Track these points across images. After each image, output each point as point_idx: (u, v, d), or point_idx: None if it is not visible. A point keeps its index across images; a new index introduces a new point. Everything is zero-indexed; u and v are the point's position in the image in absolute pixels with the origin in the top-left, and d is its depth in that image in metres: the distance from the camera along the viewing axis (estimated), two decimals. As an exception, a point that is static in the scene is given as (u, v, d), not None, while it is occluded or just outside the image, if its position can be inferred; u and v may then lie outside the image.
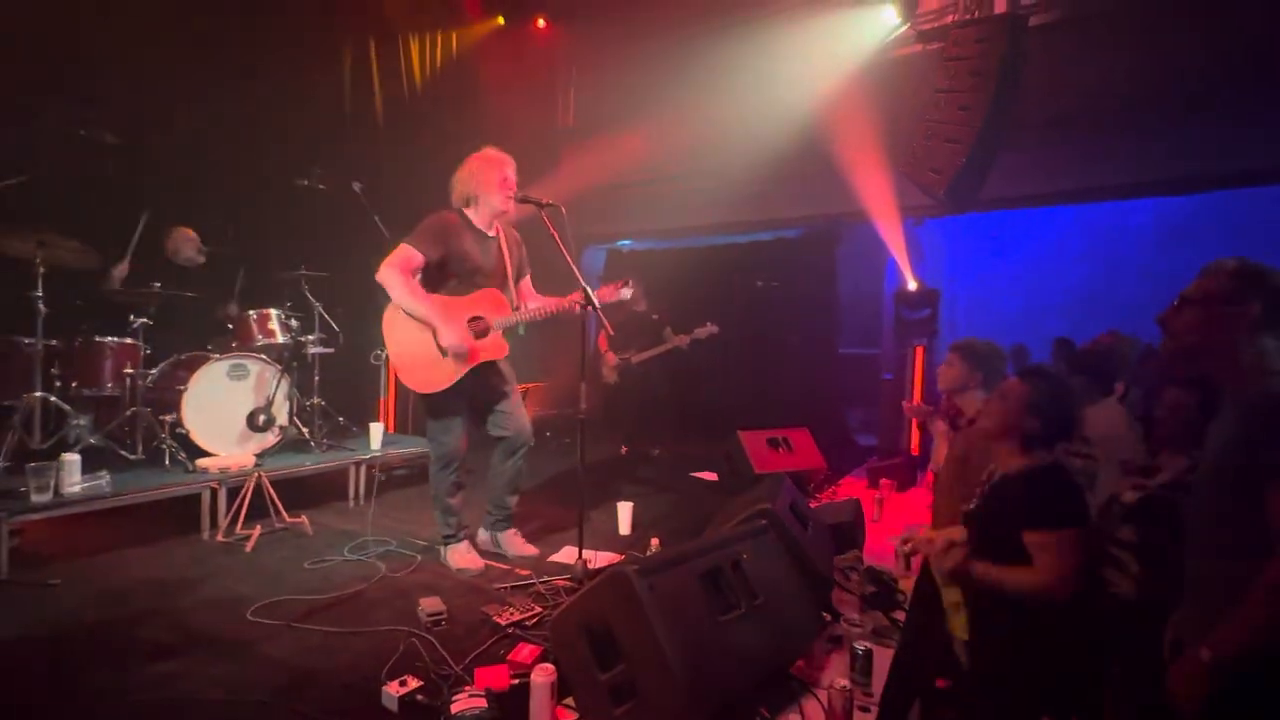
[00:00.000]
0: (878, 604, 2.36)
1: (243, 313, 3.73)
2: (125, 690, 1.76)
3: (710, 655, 1.57)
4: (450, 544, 2.76)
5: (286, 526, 3.09)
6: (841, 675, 1.80)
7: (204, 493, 3.02)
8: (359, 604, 2.36)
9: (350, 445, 3.89)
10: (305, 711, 1.69)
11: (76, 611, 2.23)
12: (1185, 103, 4.12)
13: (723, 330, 5.09)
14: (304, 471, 3.49)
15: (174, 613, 2.24)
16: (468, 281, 2.68)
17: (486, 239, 2.76)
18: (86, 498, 2.72)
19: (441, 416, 2.72)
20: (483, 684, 1.73)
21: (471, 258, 2.67)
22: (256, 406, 3.47)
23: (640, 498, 3.49)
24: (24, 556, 2.61)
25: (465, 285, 2.68)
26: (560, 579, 2.56)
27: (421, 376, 2.62)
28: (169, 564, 2.68)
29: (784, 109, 5.23)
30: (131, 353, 3.37)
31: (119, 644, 2.01)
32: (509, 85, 6.17)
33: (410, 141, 5.24)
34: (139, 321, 3.37)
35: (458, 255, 2.64)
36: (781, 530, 2.13)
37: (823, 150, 5.12)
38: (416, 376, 2.62)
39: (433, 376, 2.61)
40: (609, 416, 5.42)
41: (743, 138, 5.47)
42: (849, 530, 2.90)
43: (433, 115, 5.49)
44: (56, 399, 3.19)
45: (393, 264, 2.57)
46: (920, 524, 3.10)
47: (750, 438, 4.08)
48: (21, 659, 1.93)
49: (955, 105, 3.82)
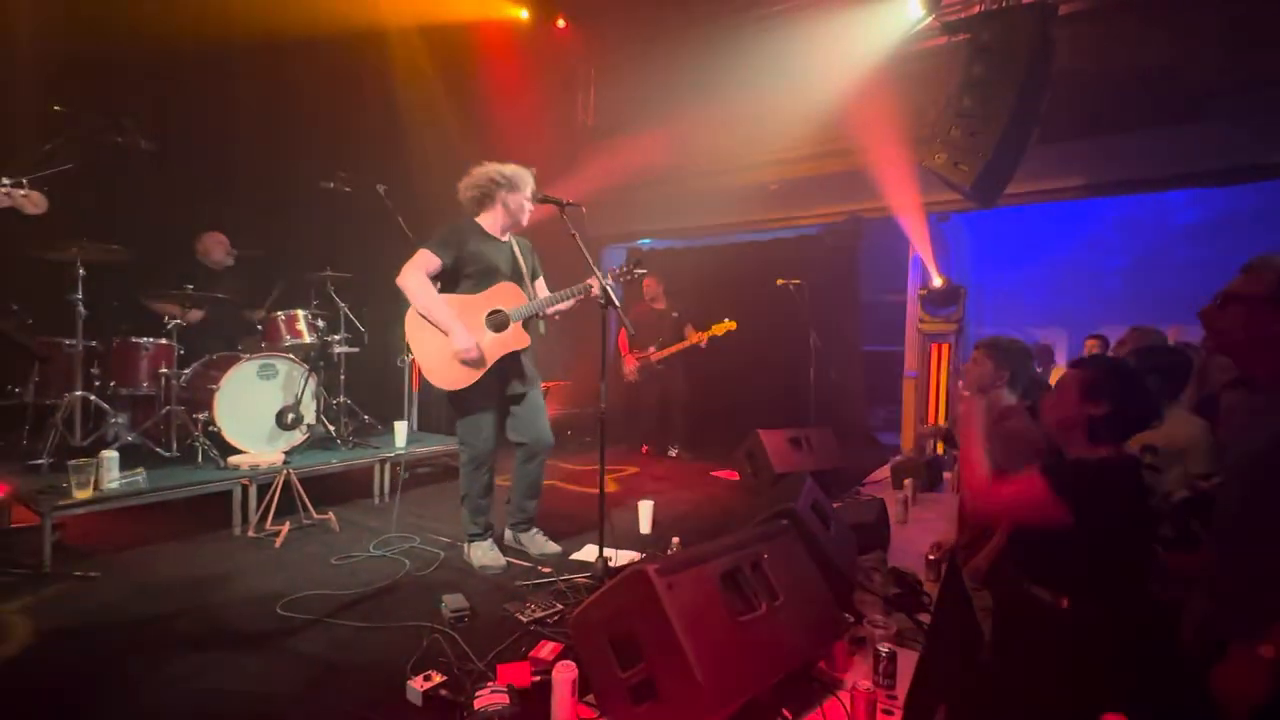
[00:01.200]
0: (902, 606, 2.33)
1: (271, 314, 3.82)
2: (162, 681, 1.82)
3: (730, 655, 1.57)
4: (475, 541, 2.80)
5: (314, 523, 3.16)
6: (864, 677, 1.78)
7: (235, 489, 3.10)
8: (384, 599, 2.40)
9: (375, 443, 3.96)
10: (333, 704, 1.73)
11: (115, 604, 2.31)
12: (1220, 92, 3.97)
13: (743, 328, 5.06)
14: (331, 469, 3.56)
15: (207, 606, 2.30)
16: (484, 281, 2.72)
17: (499, 243, 2.81)
18: (124, 493, 2.82)
19: (470, 413, 2.74)
20: (505, 680, 1.75)
21: (485, 258, 2.72)
22: (285, 405, 3.55)
23: (661, 496, 3.49)
24: (66, 550, 2.71)
25: (481, 285, 2.72)
26: (581, 577, 2.57)
27: (447, 374, 2.65)
28: (202, 559, 2.76)
29: (805, 105, 5.17)
30: (166, 353, 3.47)
31: (155, 636, 2.08)
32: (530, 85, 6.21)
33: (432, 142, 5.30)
34: (173, 323, 3.48)
35: (471, 257, 2.70)
36: (803, 530, 2.11)
37: (845, 146, 5.06)
38: (441, 374, 2.66)
39: (458, 373, 2.64)
40: (629, 415, 5.44)
41: (763, 135, 5.43)
42: (873, 530, 2.86)
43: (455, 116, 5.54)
44: (96, 398, 3.30)
45: (411, 269, 2.63)
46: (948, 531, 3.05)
47: (771, 436, 4.05)
48: (64, 648, 2.01)
49: (982, 97, 3.74)
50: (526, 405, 2.83)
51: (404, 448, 3.90)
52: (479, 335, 2.65)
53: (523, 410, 2.82)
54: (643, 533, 3.22)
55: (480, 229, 2.79)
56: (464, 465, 2.80)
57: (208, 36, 4.08)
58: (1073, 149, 4.49)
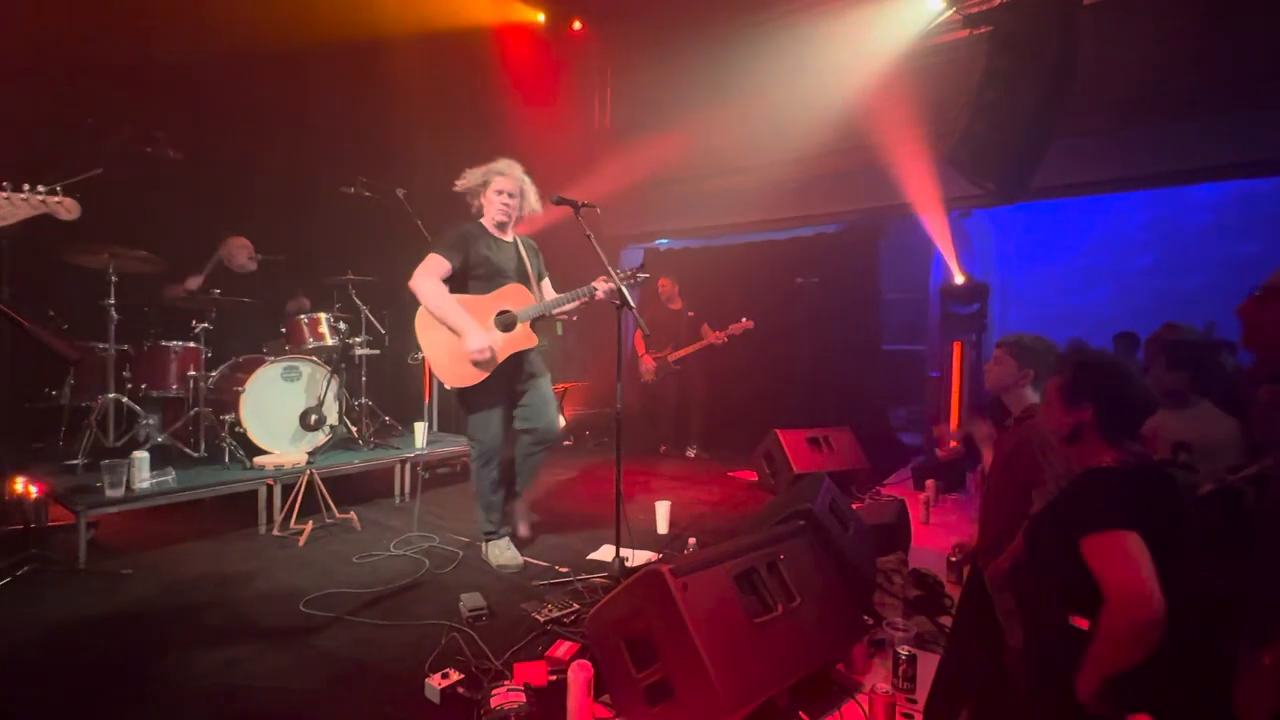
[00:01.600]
0: (923, 608, 2.29)
1: (294, 317, 3.90)
2: (191, 675, 1.87)
3: (746, 657, 1.56)
4: (491, 540, 2.82)
5: (336, 522, 3.21)
6: (884, 680, 1.76)
7: (260, 489, 3.17)
8: (404, 598, 2.43)
9: (395, 444, 4.02)
10: (355, 700, 1.76)
11: (147, 599, 2.38)
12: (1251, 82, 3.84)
13: (762, 328, 5.02)
14: (352, 469, 3.62)
15: (234, 603, 2.36)
16: (492, 282, 2.78)
17: (503, 244, 2.86)
18: (154, 493, 2.90)
19: (479, 410, 2.78)
20: (521, 679, 1.76)
21: (490, 261, 2.78)
22: (308, 406, 3.62)
23: (679, 497, 3.48)
24: (100, 547, 2.80)
25: (489, 286, 2.77)
26: (598, 577, 2.58)
27: (456, 371, 2.70)
28: (228, 556, 2.83)
29: (823, 101, 5.12)
30: (194, 356, 3.56)
31: (185, 631, 2.14)
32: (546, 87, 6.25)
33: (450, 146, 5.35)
34: (200, 326, 3.56)
35: (477, 260, 2.75)
36: (820, 530, 2.09)
37: (864, 143, 4.99)
38: (451, 371, 2.71)
39: (466, 370, 2.69)
40: (647, 415, 5.44)
41: (781, 132, 5.39)
42: (892, 531, 2.82)
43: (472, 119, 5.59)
44: (128, 400, 3.40)
45: (423, 273, 2.69)
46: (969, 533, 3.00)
47: (789, 437, 4.02)
48: (98, 642, 2.07)
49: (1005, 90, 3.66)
50: (537, 394, 2.87)
51: (424, 448, 3.95)
52: (489, 335, 2.69)
53: (533, 399, 2.87)
54: (660, 533, 3.22)
55: (485, 230, 2.84)
56: (474, 461, 2.84)
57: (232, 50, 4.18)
58: (1100, 141, 4.37)
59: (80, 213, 1.97)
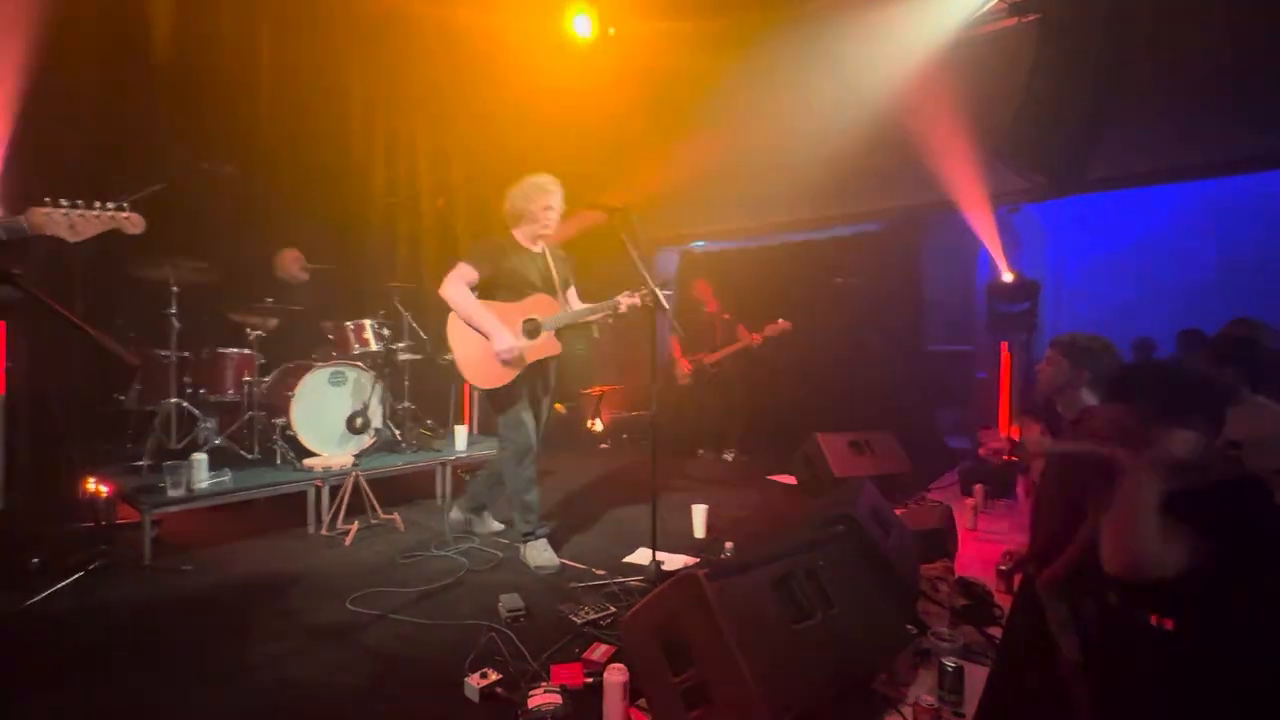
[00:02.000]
0: (970, 618, 2.21)
1: (340, 324, 4.04)
2: (245, 666, 1.96)
3: (785, 664, 1.53)
4: (529, 541, 2.86)
5: (380, 522, 3.30)
6: (928, 692, 1.70)
7: (309, 490, 3.29)
8: (445, 598, 2.48)
9: (437, 446, 4.11)
10: (397, 696, 1.81)
11: (206, 594, 2.50)
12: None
13: (801, 330, 4.94)
14: (396, 471, 3.72)
15: (285, 599, 2.45)
16: (519, 292, 2.86)
17: (533, 255, 2.93)
18: (213, 493, 3.04)
19: (508, 409, 2.85)
20: (558, 680, 1.77)
21: (518, 273, 2.86)
22: (354, 410, 3.73)
23: (716, 500, 3.46)
24: (163, 544, 2.94)
25: (516, 295, 2.85)
26: (634, 580, 2.58)
27: (485, 372, 2.78)
28: (280, 555, 2.94)
29: (862, 97, 5.02)
30: (249, 362, 3.72)
31: (240, 625, 2.23)
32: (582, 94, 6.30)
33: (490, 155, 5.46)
34: (255, 334, 3.72)
35: (506, 271, 2.84)
36: (861, 536, 2.04)
37: (905, 139, 4.87)
38: (480, 372, 2.79)
39: (495, 370, 2.77)
40: (684, 418, 5.41)
41: (819, 130, 5.30)
42: (938, 538, 2.73)
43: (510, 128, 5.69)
44: (188, 404, 3.58)
45: (452, 281, 2.78)
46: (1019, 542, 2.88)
47: (830, 440, 3.93)
48: (162, 633, 2.19)
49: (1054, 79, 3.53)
50: (541, 411, 3.01)
51: (464, 451, 4.03)
52: (516, 339, 2.78)
53: (538, 413, 2.99)
54: (697, 537, 3.20)
55: (515, 243, 2.93)
56: (507, 462, 2.89)
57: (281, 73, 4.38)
58: (1157, 130, 4.14)
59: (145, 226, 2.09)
